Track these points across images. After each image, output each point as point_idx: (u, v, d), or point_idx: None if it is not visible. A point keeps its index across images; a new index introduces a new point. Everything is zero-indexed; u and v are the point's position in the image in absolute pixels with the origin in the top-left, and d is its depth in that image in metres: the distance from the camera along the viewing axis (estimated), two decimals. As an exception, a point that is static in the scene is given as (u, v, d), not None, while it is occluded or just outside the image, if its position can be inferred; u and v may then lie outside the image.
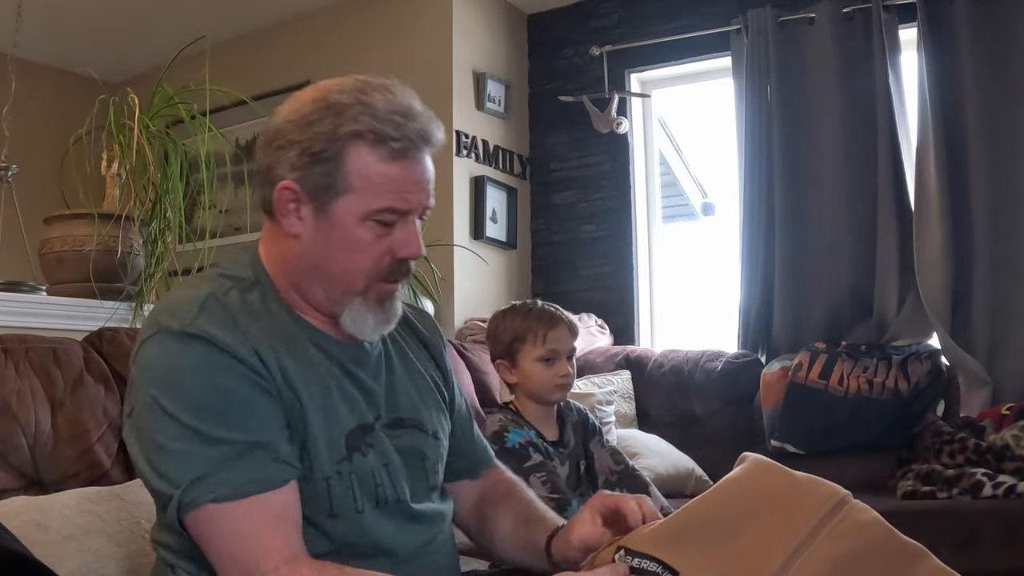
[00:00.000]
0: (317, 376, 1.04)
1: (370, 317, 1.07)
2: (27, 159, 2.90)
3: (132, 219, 2.16)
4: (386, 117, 1.01)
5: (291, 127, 1.03)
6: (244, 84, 2.98)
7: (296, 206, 1.03)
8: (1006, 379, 2.68)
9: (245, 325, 1.00)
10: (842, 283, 3.00)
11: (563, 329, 1.78)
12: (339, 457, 1.03)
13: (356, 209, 1.01)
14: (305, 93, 1.06)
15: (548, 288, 3.68)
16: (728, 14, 3.30)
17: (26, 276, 2.24)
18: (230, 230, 3.87)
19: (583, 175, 3.68)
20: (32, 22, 3.56)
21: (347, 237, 1.02)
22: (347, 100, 1.01)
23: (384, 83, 1.05)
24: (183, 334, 0.97)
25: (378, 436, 1.08)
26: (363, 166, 1.00)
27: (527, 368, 1.76)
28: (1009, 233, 2.75)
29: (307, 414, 1.01)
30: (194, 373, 0.96)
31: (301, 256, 1.05)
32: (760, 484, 0.94)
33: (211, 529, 0.93)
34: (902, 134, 2.94)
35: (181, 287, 1.08)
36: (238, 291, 1.04)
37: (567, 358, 1.78)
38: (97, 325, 1.88)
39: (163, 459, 0.94)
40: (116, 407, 1.59)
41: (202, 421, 0.94)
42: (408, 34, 3.56)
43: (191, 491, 0.92)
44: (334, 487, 1.02)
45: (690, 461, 2.74)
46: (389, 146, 1.00)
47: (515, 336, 1.77)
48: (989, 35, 2.79)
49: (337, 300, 1.06)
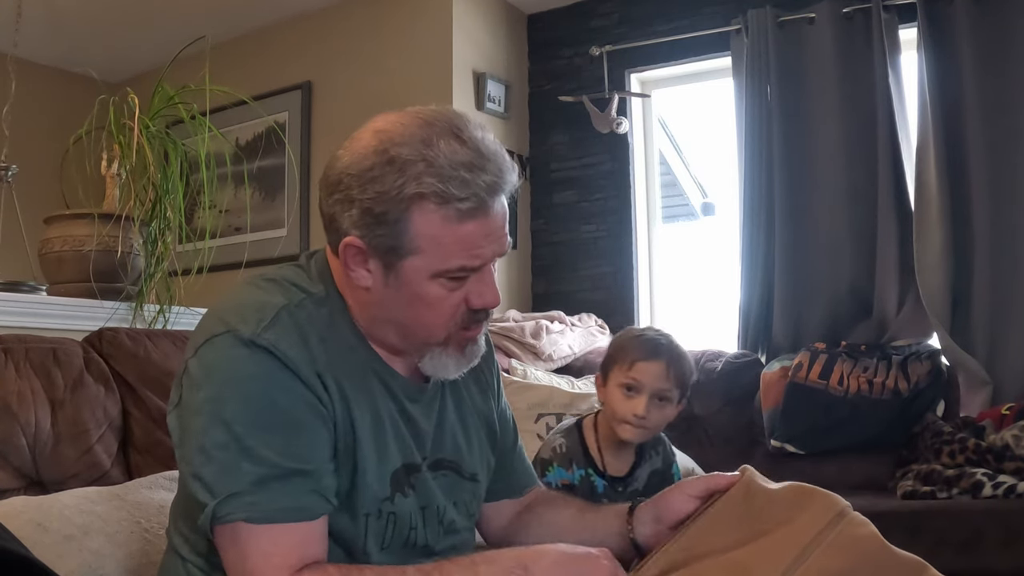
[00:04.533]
0: (374, 410, 1.02)
1: (451, 362, 1.05)
2: (27, 159, 2.90)
3: (132, 219, 2.15)
4: (452, 174, 0.93)
5: (352, 180, 0.96)
6: (244, 84, 2.98)
7: (364, 259, 0.99)
8: (1006, 379, 2.68)
9: (314, 346, 0.97)
10: (842, 283, 3.00)
11: (658, 365, 1.56)
12: (383, 496, 1.01)
13: (425, 269, 0.97)
14: (366, 138, 0.98)
15: (548, 288, 3.69)
16: (728, 14, 3.30)
17: (26, 276, 2.24)
18: (230, 230, 3.87)
19: (583, 175, 3.68)
20: (32, 22, 3.56)
21: (418, 294, 0.98)
22: (409, 154, 0.94)
23: (451, 125, 0.97)
24: (251, 343, 0.94)
25: (423, 477, 1.06)
26: (429, 228, 0.95)
27: (610, 390, 1.60)
28: (1009, 233, 2.74)
29: (361, 447, 0.99)
30: (254, 384, 0.93)
31: (374, 305, 1.02)
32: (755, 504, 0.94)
33: (235, 546, 0.92)
34: (902, 134, 2.94)
35: (250, 289, 1.03)
36: (312, 303, 1.01)
37: (654, 398, 1.56)
38: (97, 325, 1.89)
39: (204, 462, 0.92)
40: (116, 407, 1.59)
41: (251, 435, 0.91)
42: (408, 34, 3.56)
43: (225, 506, 0.91)
44: (371, 525, 1.00)
45: (690, 461, 2.73)
46: (456, 207, 0.94)
47: (613, 353, 1.63)
48: (989, 35, 2.79)
49: (416, 348, 1.04)
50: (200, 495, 0.92)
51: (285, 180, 3.84)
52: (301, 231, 3.76)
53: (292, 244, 3.72)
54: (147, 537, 1.28)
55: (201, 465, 0.92)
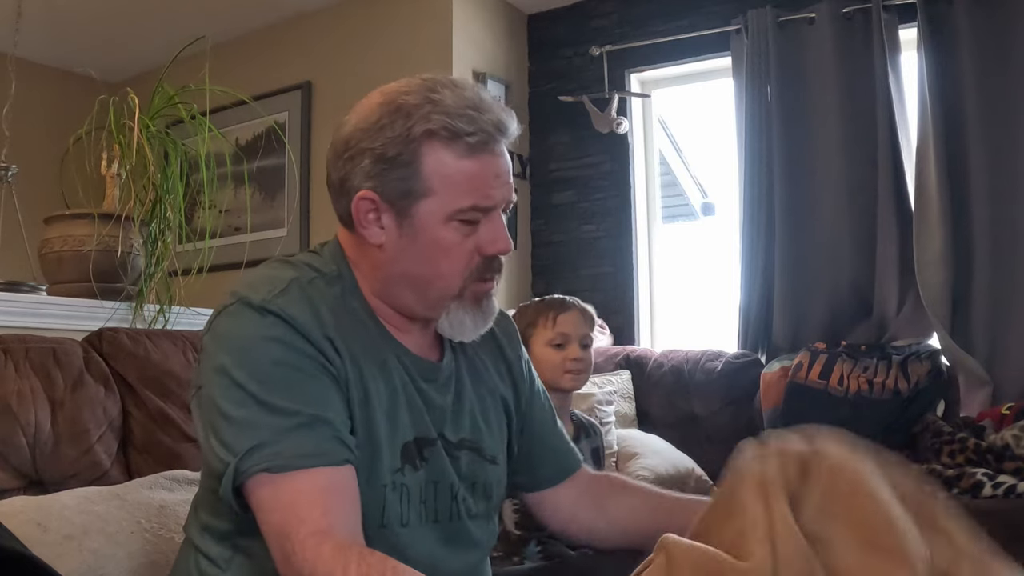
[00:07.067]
0: (388, 379, 1.02)
1: (467, 319, 1.06)
2: (27, 159, 2.90)
3: (132, 219, 2.15)
4: (458, 112, 0.97)
5: (361, 135, 1.00)
6: (244, 84, 2.98)
7: (376, 215, 1.00)
8: (1006, 379, 2.68)
9: (325, 315, 0.98)
10: (842, 283, 3.00)
11: (574, 313, 1.75)
12: (395, 467, 1.01)
13: (439, 211, 0.98)
14: (371, 99, 1.03)
15: (548, 288, 3.68)
16: (728, 14, 3.30)
17: (26, 276, 2.24)
18: (230, 230, 3.87)
19: (583, 175, 3.68)
20: (32, 22, 3.56)
21: (433, 240, 0.99)
22: (416, 100, 0.98)
23: (450, 79, 1.02)
24: (262, 308, 0.95)
25: (437, 451, 1.05)
26: (441, 166, 0.97)
27: (538, 354, 1.71)
28: (1009, 233, 2.74)
29: (375, 415, 0.99)
30: (266, 345, 0.94)
31: (388, 264, 1.02)
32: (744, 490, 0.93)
33: (261, 500, 0.91)
34: (902, 134, 2.94)
35: (262, 267, 1.05)
36: (323, 282, 1.02)
37: (581, 346, 1.73)
38: (97, 325, 1.89)
39: (226, 426, 0.92)
40: (116, 407, 1.60)
41: (267, 391, 0.92)
42: (408, 34, 3.56)
43: (247, 459, 0.90)
44: (388, 496, 1.00)
45: (690, 461, 2.74)
46: (465, 141, 0.97)
47: (528, 323, 1.74)
48: (989, 35, 2.79)
49: (432, 305, 1.04)
50: (222, 456, 0.91)
51: (285, 180, 3.84)
52: (301, 231, 3.76)
53: (292, 244, 3.72)
54: (147, 537, 1.28)
55: (223, 428, 0.92)
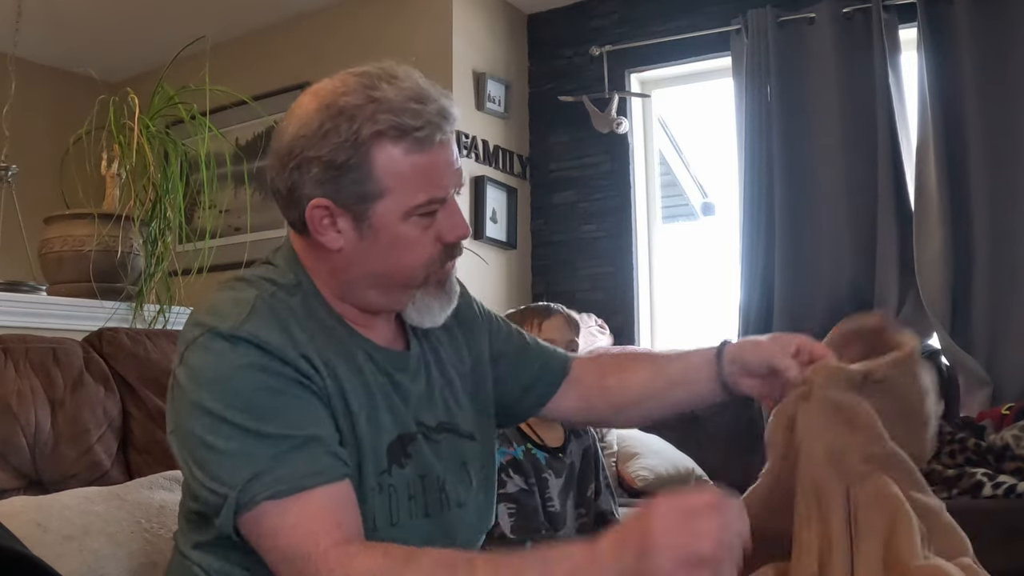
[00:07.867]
0: (364, 383, 1.02)
1: (435, 304, 1.06)
2: (27, 159, 2.90)
3: (132, 219, 2.15)
4: (402, 107, 0.95)
5: (305, 143, 0.97)
6: (244, 84, 2.98)
7: (332, 221, 0.99)
8: (1006, 379, 2.68)
9: (295, 330, 0.97)
10: (842, 283, 3.00)
11: (559, 319, 1.80)
12: (380, 469, 1.01)
13: (397, 209, 0.97)
14: (306, 102, 0.99)
15: (548, 288, 3.68)
16: (728, 14, 3.30)
17: (26, 276, 2.24)
18: (230, 230, 3.87)
19: (583, 175, 3.68)
20: (32, 22, 3.56)
21: (394, 238, 0.99)
22: (357, 100, 0.96)
23: (384, 70, 0.99)
24: (232, 336, 0.93)
25: (418, 445, 1.05)
26: (393, 164, 0.96)
27: None
28: (1009, 233, 2.75)
29: (358, 423, 0.99)
30: (244, 373, 0.92)
31: (349, 267, 1.02)
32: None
33: (266, 528, 0.89)
34: (902, 134, 2.94)
35: (222, 291, 1.02)
36: (284, 293, 1.01)
37: (566, 349, 1.75)
38: (97, 325, 1.88)
39: (215, 460, 0.90)
40: (116, 407, 1.59)
41: (254, 420, 0.90)
42: (408, 34, 3.56)
43: (248, 490, 0.88)
44: (376, 499, 1.00)
45: (690, 461, 2.74)
46: (414, 137, 0.96)
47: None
48: (989, 35, 2.79)
49: (397, 298, 1.05)
50: (217, 490, 0.90)
51: (285, 180, 3.83)
52: (301, 231, 3.75)
53: (292, 244, 3.71)
54: (147, 537, 1.28)
55: (213, 464, 0.90)
